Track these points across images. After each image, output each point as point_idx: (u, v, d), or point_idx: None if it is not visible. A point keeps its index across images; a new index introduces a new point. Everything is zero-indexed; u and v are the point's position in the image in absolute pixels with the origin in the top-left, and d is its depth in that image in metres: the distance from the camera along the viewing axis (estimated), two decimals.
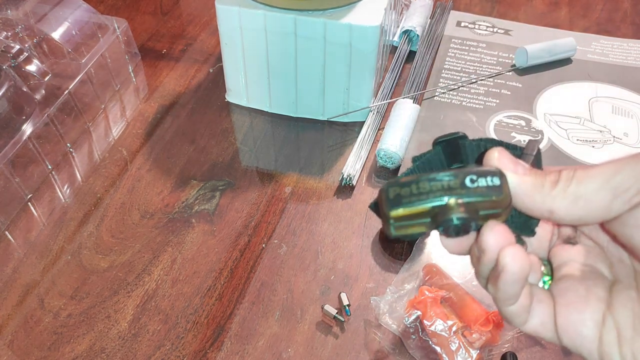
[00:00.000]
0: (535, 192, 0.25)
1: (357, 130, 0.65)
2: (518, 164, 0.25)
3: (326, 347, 0.47)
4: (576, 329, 0.26)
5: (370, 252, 0.54)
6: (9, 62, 0.60)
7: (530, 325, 0.26)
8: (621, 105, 0.67)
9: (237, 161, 0.63)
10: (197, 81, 0.72)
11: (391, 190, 0.25)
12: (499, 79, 0.71)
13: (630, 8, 0.85)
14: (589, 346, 0.25)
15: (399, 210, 0.25)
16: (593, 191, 0.23)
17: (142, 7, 0.85)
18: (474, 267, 0.27)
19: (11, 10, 0.62)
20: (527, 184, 0.25)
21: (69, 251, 0.54)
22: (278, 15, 0.59)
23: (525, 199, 0.25)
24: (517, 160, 0.26)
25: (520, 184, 0.25)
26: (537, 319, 0.26)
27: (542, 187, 0.24)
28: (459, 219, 0.24)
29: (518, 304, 0.26)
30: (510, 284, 0.24)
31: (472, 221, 0.24)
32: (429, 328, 0.45)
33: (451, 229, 0.25)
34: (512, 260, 0.24)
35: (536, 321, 0.26)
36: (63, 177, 0.61)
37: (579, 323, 0.26)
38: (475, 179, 0.24)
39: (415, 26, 0.74)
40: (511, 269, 0.24)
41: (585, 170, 0.24)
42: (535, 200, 0.25)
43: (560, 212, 0.24)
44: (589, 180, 0.23)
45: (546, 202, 0.24)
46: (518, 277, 0.24)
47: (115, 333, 0.48)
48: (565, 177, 0.24)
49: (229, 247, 0.54)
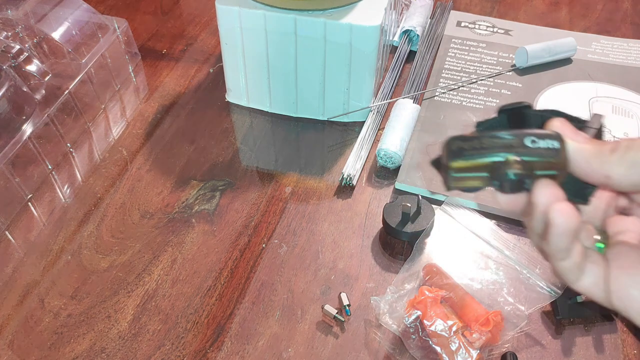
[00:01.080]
0: (593, 158, 0.26)
1: (357, 130, 0.65)
2: (578, 133, 0.27)
3: (326, 347, 0.47)
4: (627, 291, 0.27)
5: (370, 252, 0.54)
6: (9, 62, 0.60)
7: (583, 283, 0.28)
8: (621, 105, 0.67)
9: (237, 161, 0.63)
10: (197, 81, 0.72)
11: (454, 143, 0.27)
12: (499, 79, 0.71)
13: (630, 8, 0.85)
14: (637, 307, 0.27)
15: (459, 162, 0.27)
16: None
17: (142, 7, 0.85)
18: (526, 224, 0.29)
19: (11, 10, 0.62)
20: (585, 150, 0.26)
21: (69, 251, 0.54)
22: (278, 15, 0.59)
23: (582, 164, 0.26)
24: (577, 130, 0.27)
25: (579, 149, 0.26)
26: (590, 278, 0.28)
27: (600, 153, 0.26)
28: (515, 175, 0.26)
29: (570, 260, 0.27)
30: (558, 235, 0.26)
31: (527, 178, 0.26)
32: (429, 328, 0.45)
33: (507, 184, 0.26)
34: (560, 214, 0.26)
35: (589, 280, 0.28)
36: (63, 177, 0.61)
37: (630, 285, 0.27)
38: (536, 140, 0.26)
39: (416, 26, 0.74)
40: (558, 221, 0.26)
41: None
42: (593, 165, 0.26)
43: (616, 178, 0.26)
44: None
45: (603, 168, 0.26)
46: (565, 229, 0.26)
47: (116, 333, 0.48)
48: (623, 145, 0.26)
49: (229, 247, 0.54)
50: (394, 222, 0.53)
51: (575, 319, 0.48)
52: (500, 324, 0.45)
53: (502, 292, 0.49)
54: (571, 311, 0.48)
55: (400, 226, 0.53)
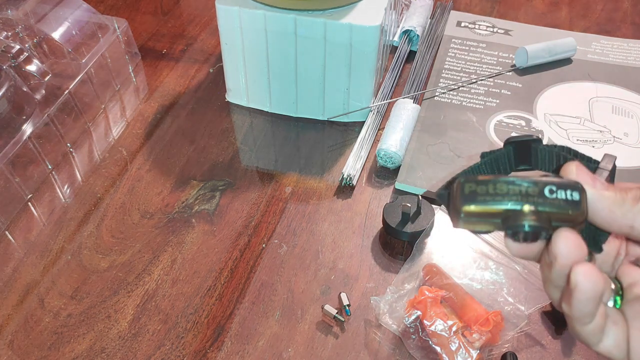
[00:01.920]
0: (616, 208, 0.25)
1: (357, 130, 0.65)
2: (596, 179, 0.26)
3: (326, 347, 0.47)
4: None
5: (370, 252, 0.54)
6: (9, 62, 0.60)
7: (604, 346, 0.26)
8: (621, 105, 0.67)
9: (237, 161, 0.63)
10: (197, 81, 0.72)
11: (467, 186, 0.26)
12: (499, 79, 0.71)
13: (630, 8, 0.85)
14: None
15: (472, 207, 0.25)
16: None
17: (142, 7, 0.85)
18: (543, 275, 0.27)
19: (11, 10, 0.62)
20: (608, 199, 0.25)
21: (69, 251, 0.54)
22: (278, 15, 0.59)
23: (604, 214, 0.25)
24: (594, 175, 0.26)
25: (600, 199, 0.25)
26: (611, 340, 0.26)
27: (624, 202, 0.25)
28: (530, 227, 0.24)
29: (594, 324, 0.26)
30: (584, 302, 0.25)
31: (543, 230, 0.25)
32: (429, 328, 0.45)
33: (520, 234, 0.25)
34: (584, 278, 0.24)
35: (610, 342, 0.26)
36: (63, 177, 0.61)
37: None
38: (555, 190, 0.25)
39: (415, 26, 0.74)
40: (584, 287, 0.24)
41: None
42: (616, 215, 0.25)
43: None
44: None
45: (627, 218, 0.25)
46: (592, 295, 0.24)
47: (115, 333, 0.48)
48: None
49: (229, 247, 0.54)
50: (394, 222, 0.53)
51: None
52: (500, 324, 0.45)
53: (502, 292, 0.49)
54: None
55: (400, 226, 0.53)
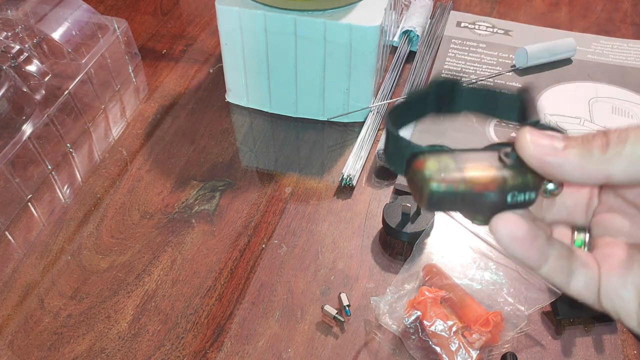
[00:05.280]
0: (586, 163, 0.24)
1: (357, 131, 0.65)
2: (553, 138, 0.24)
3: (326, 347, 0.47)
4: (617, 292, 0.26)
5: (370, 252, 0.54)
6: (9, 62, 0.60)
7: (574, 287, 0.27)
8: (621, 105, 0.67)
9: (237, 161, 0.63)
10: (197, 81, 0.72)
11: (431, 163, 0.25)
12: (499, 80, 0.71)
13: (630, 8, 0.85)
14: (627, 308, 0.26)
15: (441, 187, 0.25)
16: None
17: (142, 7, 0.85)
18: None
19: (11, 10, 0.62)
20: (573, 157, 0.24)
21: (69, 251, 0.54)
22: (278, 15, 0.59)
23: (576, 173, 0.24)
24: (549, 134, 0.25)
25: (566, 162, 0.24)
26: (581, 282, 0.27)
27: (591, 155, 0.24)
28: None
29: (549, 267, 0.26)
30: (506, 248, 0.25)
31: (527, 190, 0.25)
32: (429, 328, 0.45)
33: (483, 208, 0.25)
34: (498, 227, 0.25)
35: (580, 284, 0.27)
36: (63, 177, 0.61)
37: (620, 287, 0.26)
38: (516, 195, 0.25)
39: (415, 26, 0.74)
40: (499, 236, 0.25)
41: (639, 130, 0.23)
42: (588, 170, 0.24)
43: (618, 176, 0.23)
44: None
45: (601, 169, 0.23)
46: (510, 241, 0.25)
47: (115, 333, 0.48)
48: (616, 140, 0.23)
49: (229, 247, 0.54)
50: (394, 223, 0.53)
51: (575, 319, 0.48)
52: (500, 325, 0.45)
53: (502, 292, 0.49)
54: (571, 311, 0.48)
55: (400, 226, 0.53)
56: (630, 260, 0.27)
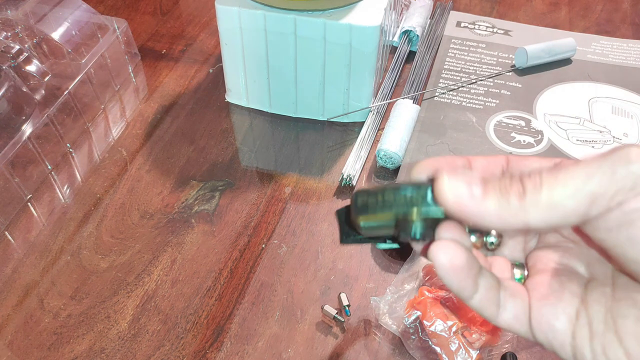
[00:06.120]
0: (503, 212, 0.23)
1: (357, 131, 0.65)
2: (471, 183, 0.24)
3: (326, 347, 0.47)
4: (549, 323, 0.25)
5: (370, 252, 0.54)
6: (9, 62, 0.60)
7: (503, 318, 0.26)
8: (621, 105, 0.67)
9: (236, 161, 0.63)
10: (197, 81, 0.72)
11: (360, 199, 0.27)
12: (499, 79, 0.71)
13: (630, 8, 0.85)
14: (561, 339, 0.25)
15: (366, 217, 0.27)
16: (567, 198, 0.22)
17: (142, 7, 0.85)
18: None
19: (11, 10, 0.62)
20: (492, 206, 0.23)
21: (69, 251, 0.54)
22: (278, 15, 0.59)
23: (495, 222, 0.23)
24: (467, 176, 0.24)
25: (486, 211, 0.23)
26: (510, 312, 0.26)
27: (509, 204, 0.23)
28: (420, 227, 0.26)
29: (479, 297, 0.25)
30: (444, 276, 0.25)
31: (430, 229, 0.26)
32: (428, 328, 0.45)
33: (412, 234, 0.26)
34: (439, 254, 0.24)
35: (509, 315, 0.26)
36: (63, 177, 0.61)
37: (552, 317, 0.25)
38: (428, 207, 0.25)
39: (415, 26, 0.74)
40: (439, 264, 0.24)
41: (554, 176, 0.22)
42: (507, 219, 0.23)
43: (535, 223, 0.23)
44: (562, 187, 0.22)
45: (518, 217, 0.23)
46: (448, 269, 0.24)
47: (115, 333, 0.48)
48: (532, 187, 0.23)
49: (228, 247, 0.54)
50: None
51: None
52: None
53: None
54: None
55: None
56: (561, 288, 0.26)
